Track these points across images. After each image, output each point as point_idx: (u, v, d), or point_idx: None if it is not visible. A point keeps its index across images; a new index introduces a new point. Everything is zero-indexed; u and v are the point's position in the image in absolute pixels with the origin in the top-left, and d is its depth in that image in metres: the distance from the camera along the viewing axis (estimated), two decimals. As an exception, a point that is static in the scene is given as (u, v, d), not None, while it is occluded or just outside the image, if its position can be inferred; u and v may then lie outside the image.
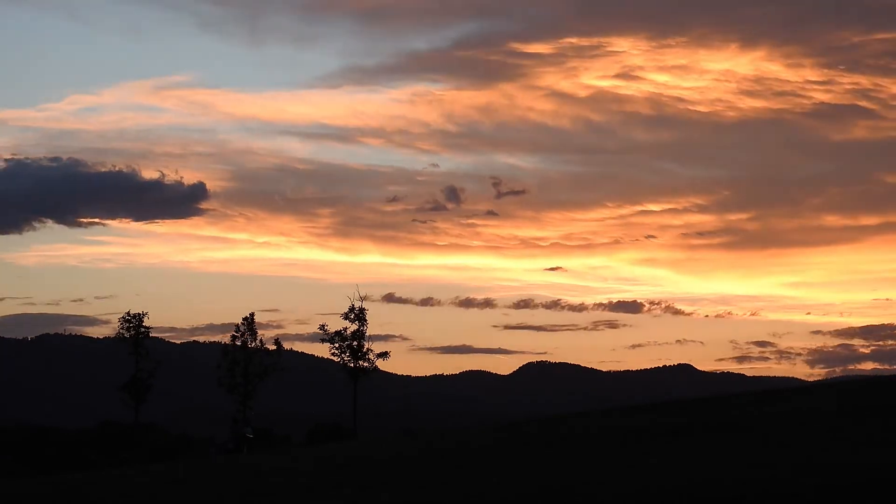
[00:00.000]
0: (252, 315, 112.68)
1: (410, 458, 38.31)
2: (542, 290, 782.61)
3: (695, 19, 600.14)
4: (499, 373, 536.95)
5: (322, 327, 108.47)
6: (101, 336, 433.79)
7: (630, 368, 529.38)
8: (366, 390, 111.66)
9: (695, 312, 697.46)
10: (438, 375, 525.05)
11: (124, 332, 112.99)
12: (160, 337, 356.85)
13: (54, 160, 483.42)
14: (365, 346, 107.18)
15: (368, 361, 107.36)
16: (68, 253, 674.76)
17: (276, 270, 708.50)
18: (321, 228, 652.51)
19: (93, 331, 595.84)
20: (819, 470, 24.17)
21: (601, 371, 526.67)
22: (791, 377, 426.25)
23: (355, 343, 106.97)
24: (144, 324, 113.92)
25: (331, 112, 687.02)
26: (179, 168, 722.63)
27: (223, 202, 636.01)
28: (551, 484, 26.10)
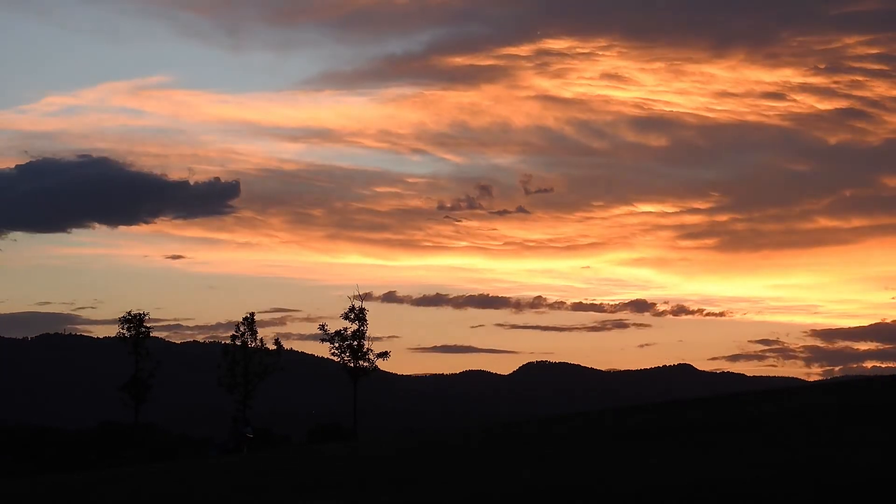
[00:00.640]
0: (252, 315, 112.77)
1: (411, 458, 38.32)
2: (543, 291, 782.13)
3: (676, 21, 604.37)
4: (499, 373, 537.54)
5: (322, 327, 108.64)
6: (102, 336, 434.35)
7: (630, 368, 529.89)
8: (366, 390, 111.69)
9: (695, 313, 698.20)
10: (438, 375, 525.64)
11: (124, 332, 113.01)
12: (160, 337, 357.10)
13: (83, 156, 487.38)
14: (365, 346, 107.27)
15: (368, 361, 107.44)
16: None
17: (263, 271, 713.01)
18: (307, 228, 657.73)
19: (93, 331, 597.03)
20: (819, 470, 24.19)
21: (601, 371, 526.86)
22: (791, 377, 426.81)
23: (355, 343, 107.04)
24: (145, 324, 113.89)
25: (313, 114, 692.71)
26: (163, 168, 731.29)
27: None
28: (551, 483, 26.11)
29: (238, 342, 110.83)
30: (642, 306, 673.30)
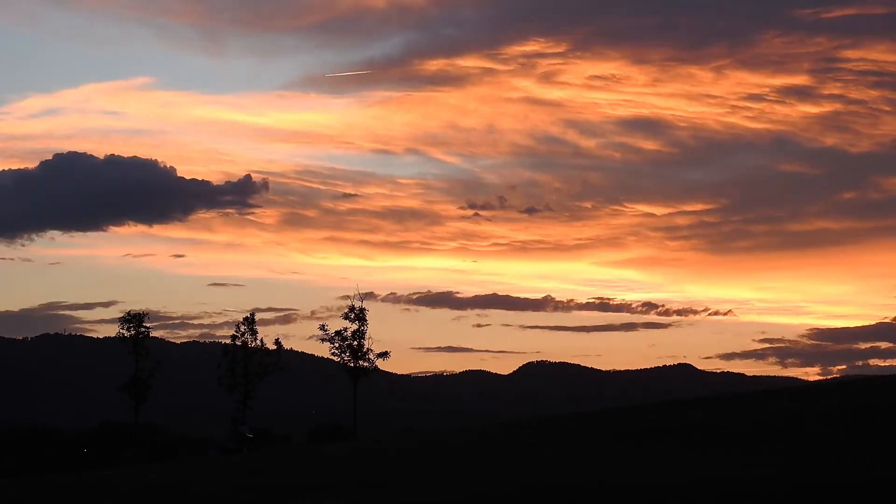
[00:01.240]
0: (252, 315, 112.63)
1: (411, 458, 38.31)
2: (543, 292, 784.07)
3: (666, 24, 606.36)
4: (499, 373, 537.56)
5: (322, 327, 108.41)
6: (101, 336, 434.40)
7: (630, 368, 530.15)
8: (366, 390, 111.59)
9: (695, 313, 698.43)
10: (438, 375, 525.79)
11: (124, 332, 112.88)
12: (160, 337, 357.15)
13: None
14: (365, 346, 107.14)
15: (368, 361, 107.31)
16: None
17: (250, 272, 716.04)
18: (293, 229, 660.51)
19: (93, 331, 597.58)
20: (819, 469, 24.18)
21: (601, 371, 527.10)
22: (791, 377, 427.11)
23: (355, 343, 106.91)
24: (144, 324, 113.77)
25: (294, 117, 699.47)
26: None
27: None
28: (551, 483, 26.11)
29: (238, 342, 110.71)
30: (642, 307, 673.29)
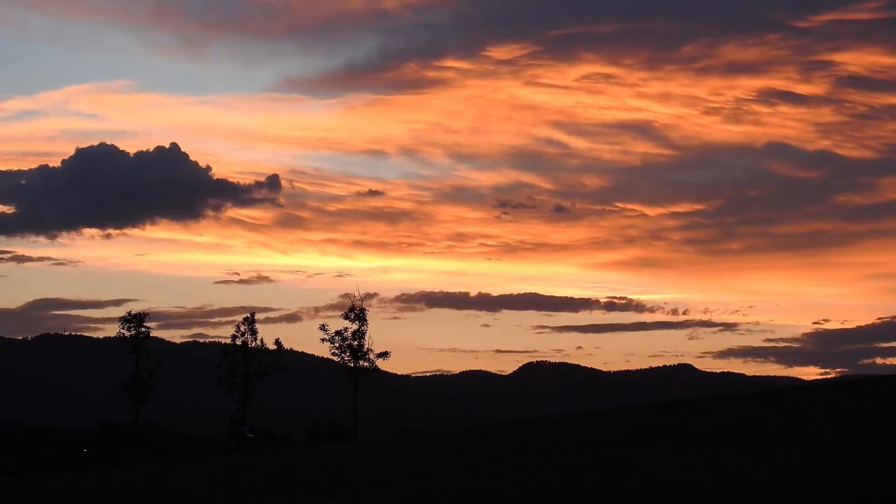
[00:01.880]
0: (253, 315, 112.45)
1: (411, 458, 38.32)
2: (542, 292, 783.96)
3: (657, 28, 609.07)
4: (499, 373, 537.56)
5: (322, 327, 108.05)
6: (101, 336, 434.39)
7: (630, 368, 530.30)
8: (366, 390, 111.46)
9: (694, 313, 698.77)
10: (438, 375, 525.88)
11: (125, 332, 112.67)
12: (160, 337, 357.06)
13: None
14: (365, 346, 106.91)
15: (368, 361, 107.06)
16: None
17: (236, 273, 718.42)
18: (281, 230, 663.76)
19: (93, 331, 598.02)
20: (818, 469, 24.18)
21: (601, 371, 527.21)
22: (791, 377, 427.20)
23: (355, 343, 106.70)
24: (145, 324, 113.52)
25: (275, 120, 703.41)
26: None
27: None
28: (551, 483, 26.12)
29: (238, 342, 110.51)
30: (641, 307, 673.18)
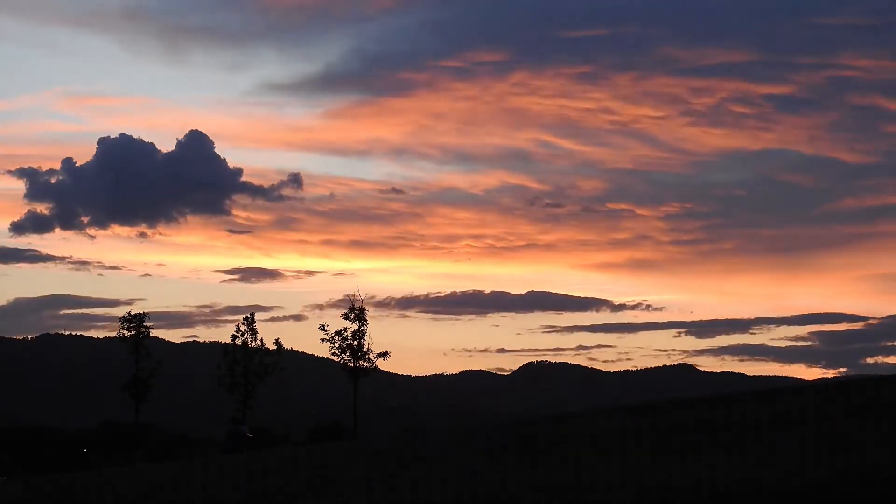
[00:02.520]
0: (252, 315, 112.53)
1: (411, 458, 38.32)
2: (543, 291, 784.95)
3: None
4: (499, 373, 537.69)
5: (322, 327, 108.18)
6: (101, 336, 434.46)
7: (630, 368, 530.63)
8: (366, 390, 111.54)
9: (694, 313, 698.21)
10: (438, 375, 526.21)
11: (125, 332, 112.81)
12: (160, 337, 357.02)
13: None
14: (365, 346, 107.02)
15: (368, 361, 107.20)
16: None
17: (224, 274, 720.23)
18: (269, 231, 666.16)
19: (93, 331, 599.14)
20: (818, 469, 24.18)
21: (601, 371, 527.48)
22: (791, 377, 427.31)
23: (355, 343, 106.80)
24: (145, 324, 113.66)
25: (256, 124, 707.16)
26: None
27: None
28: (551, 483, 26.13)
29: (238, 342, 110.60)
30: (641, 307, 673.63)
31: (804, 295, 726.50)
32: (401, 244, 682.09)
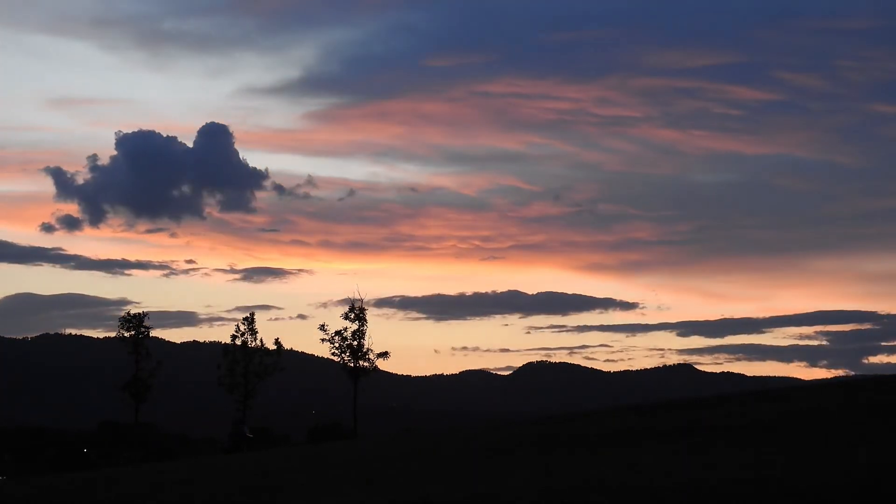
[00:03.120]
0: (252, 315, 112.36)
1: (411, 458, 38.33)
2: (541, 291, 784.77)
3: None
4: (499, 373, 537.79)
5: (322, 327, 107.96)
6: (102, 336, 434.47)
7: (630, 368, 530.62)
8: (366, 390, 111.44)
9: (693, 313, 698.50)
10: (438, 375, 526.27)
11: (124, 332, 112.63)
12: (160, 337, 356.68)
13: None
14: (365, 346, 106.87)
15: (368, 361, 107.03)
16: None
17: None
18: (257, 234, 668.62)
19: (93, 331, 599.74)
20: (818, 469, 24.20)
21: (601, 371, 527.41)
22: (791, 377, 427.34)
23: (355, 343, 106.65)
24: (144, 324, 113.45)
25: (239, 127, 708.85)
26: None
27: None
28: (550, 483, 26.14)
29: (238, 342, 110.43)
30: (640, 307, 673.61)
31: (804, 295, 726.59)
32: (391, 245, 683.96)
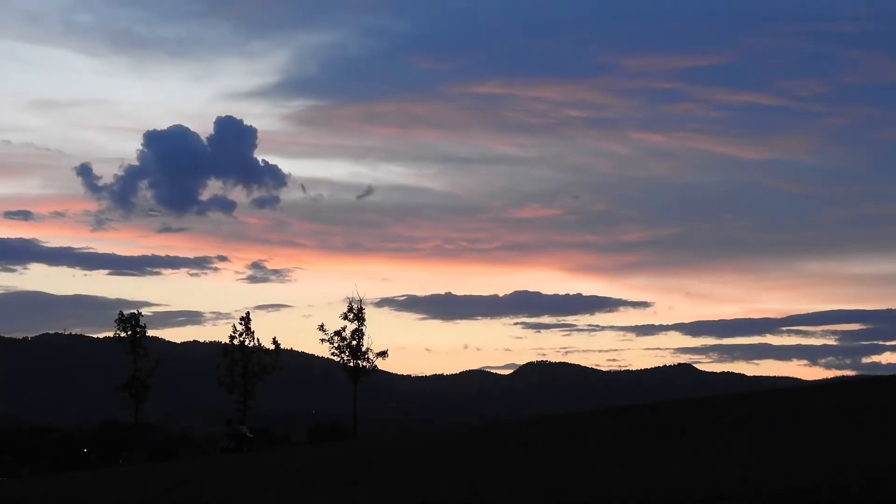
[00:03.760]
0: (248, 314, 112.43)
1: (410, 458, 38.34)
2: (541, 292, 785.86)
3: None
4: (499, 373, 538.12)
5: (321, 327, 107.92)
6: (101, 336, 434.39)
7: (630, 368, 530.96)
8: (366, 390, 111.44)
9: (693, 313, 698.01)
10: (438, 375, 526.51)
11: (121, 332, 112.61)
12: (161, 337, 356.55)
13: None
14: (364, 346, 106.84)
15: (368, 361, 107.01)
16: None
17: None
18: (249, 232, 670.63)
19: (92, 331, 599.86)
20: (818, 469, 24.20)
21: (601, 371, 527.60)
22: (791, 377, 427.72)
23: (354, 343, 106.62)
24: (140, 324, 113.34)
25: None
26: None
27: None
28: (550, 484, 26.14)
29: (236, 342, 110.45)
30: (640, 307, 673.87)
31: (801, 296, 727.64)
32: (390, 247, 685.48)
